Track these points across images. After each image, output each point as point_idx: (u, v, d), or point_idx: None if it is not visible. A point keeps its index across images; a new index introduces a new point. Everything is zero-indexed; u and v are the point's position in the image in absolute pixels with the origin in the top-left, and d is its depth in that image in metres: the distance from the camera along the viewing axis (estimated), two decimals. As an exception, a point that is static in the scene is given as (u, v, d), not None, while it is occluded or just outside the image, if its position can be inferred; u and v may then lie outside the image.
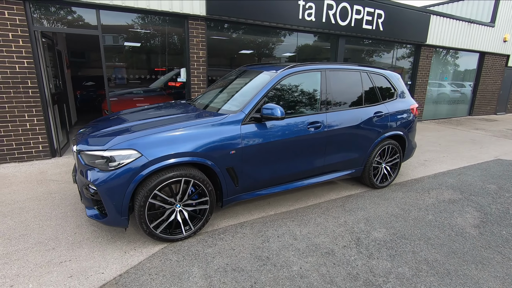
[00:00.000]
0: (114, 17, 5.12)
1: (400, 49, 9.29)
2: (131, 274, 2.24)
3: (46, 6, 4.63)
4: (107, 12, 4.98)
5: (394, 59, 9.34)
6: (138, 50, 5.67)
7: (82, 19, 4.93)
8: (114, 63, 5.55)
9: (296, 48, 7.30)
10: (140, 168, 2.37)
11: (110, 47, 5.37)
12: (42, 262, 2.36)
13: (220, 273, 2.27)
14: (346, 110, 3.49)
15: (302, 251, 2.57)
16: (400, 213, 3.32)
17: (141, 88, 6.26)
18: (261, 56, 7.01)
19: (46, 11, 4.66)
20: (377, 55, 9.07)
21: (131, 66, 5.72)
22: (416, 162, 5.30)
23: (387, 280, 2.24)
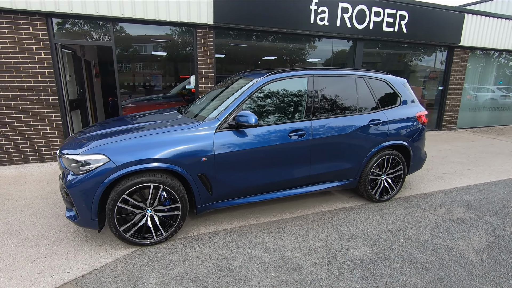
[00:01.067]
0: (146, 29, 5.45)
1: (428, 52, 8.62)
2: (92, 276, 2.31)
3: (66, 21, 5.08)
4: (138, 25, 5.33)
5: (422, 62, 8.69)
6: (167, 58, 5.98)
7: (99, 31, 5.31)
8: (151, 70, 5.92)
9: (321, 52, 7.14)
10: (108, 172, 2.45)
11: (141, 56, 5.73)
12: (21, 257, 2.54)
13: (176, 281, 2.25)
14: (335, 117, 3.30)
15: (268, 265, 2.44)
16: (392, 231, 3.02)
17: (161, 94, 6.55)
18: (286, 62, 6.97)
19: (66, 26, 5.11)
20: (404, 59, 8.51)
21: (163, 74, 6.07)
22: (433, 175, 4.82)
23: (350, 305, 2.04)
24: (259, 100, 3.06)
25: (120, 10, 5.04)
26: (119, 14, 5.05)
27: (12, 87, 4.81)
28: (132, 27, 5.48)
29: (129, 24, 5.40)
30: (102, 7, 4.93)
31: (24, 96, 4.90)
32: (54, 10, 4.71)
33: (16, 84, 4.82)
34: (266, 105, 3.09)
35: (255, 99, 3.04)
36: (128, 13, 5.09)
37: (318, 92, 3.27)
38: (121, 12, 5.04)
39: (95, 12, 4.91)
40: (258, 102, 3.06)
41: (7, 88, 4.78)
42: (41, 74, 4.91)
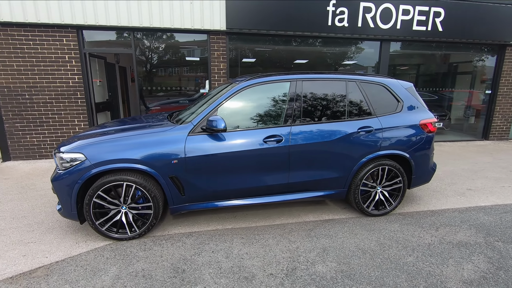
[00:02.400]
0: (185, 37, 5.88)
1: (471, 51, 7.66)
2: (64, 263, 2.54)
3: (93, 32, 5.66)
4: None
5: (468, 63, 7.76)
6: (198, 63, 6.35)
7: (122, 40, 5.82)
8: (196, 73, 6.36)
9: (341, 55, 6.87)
10: (84, 170, 2.68)
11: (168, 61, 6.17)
12: (17, 240, 2.90)
13: (130, 277, 2.36)
14: (318, 124, 3.14)
15: (222, 271, 2.42)
16: (373, 249, 2.76)
17: (187, 97, 6.92)
18: (318, 66, 6.87)
19: (93, 36, 5.70)
20: (448, 60, 7.71)
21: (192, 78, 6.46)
22: (453, 190, 4.27)
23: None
24: (236, 105, 3.06)
25: (139, 21, 5.45)
26: (138, 24, 5.47)
27: (49, 91, 5.52)
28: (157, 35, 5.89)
29: (149, 32, 5.81)
30: (123, 19, 5.39)
31: (58, 99, 5.58)
32: (83, 23, 5.29)
33: (52, 89, 5.51)
34: (244, 110, 3.07)
35: (232, 104, 3.04)
36: (146, 23, 5.48)
37: (301, 97, 3.15)
38: (139, 22, 5.46)
39: (117, 23, 5.39)
40: (235, 106, 3.06)
41: (44, 92, 5.49)
42: (72, 80, 5.55)
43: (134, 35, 5.71)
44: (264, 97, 3.12)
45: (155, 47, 6.01)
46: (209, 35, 5.87)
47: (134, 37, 5.73)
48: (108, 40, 5.84)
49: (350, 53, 6.97)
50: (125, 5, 5.34)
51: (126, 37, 5.75)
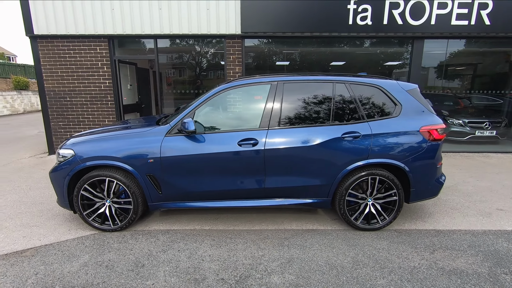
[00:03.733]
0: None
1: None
2: (50, 246, 2.85)
3: (123, 41, 6.23)
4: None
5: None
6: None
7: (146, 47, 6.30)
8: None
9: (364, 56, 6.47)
10: (73, 164, 2.97)
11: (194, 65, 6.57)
12: (25, 223, 3.34)
13: (95, 265, 2.53)
14: (296, 127, 2.98)
15: (178, 270, 2.46)
16: (344, 266, 2.52)
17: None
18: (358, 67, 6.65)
19: (123, 44, 6.27)
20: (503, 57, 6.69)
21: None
22: (478, 209, 3.67)
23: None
24: (214, 107, 3.09)
25: (160, 28, 5.85)
26: (159, 31, 5.86)
27: (85, 94, 6.24)
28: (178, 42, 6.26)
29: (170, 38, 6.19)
30: (146, 27, 5.84)
31: (92, 101, 6.27)
32: (112, 33, 5.87)
33: (88, 92, 6.22)
34: (221, 112, 3.08)
35: (210, 106, 3.08)
36: (166, 30, 5.85)
37: (282, 100, 3.04)
38: (160, 30, 5.85)
39: (141, 32, 5.86)
40: (213, 109, 3.09)
41: (81, 95, 6.23)
42: (103, 84, 6.19)
43: (156, 43, 6.14)
44: (243, 100, 3.10)
45: (176, 53, 6.37)
46: (225, 40, 6.01)
47: (157, 44, 6.16)
48: (137, 48, 6.38)
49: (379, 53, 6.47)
50: (147, 15, 5.78)
51: (150, 44, 6.21)
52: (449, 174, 5.11)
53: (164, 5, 5.73)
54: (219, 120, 3.09)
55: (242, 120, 3.08)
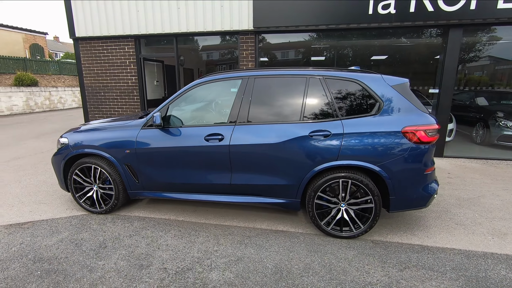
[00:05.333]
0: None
1: None
2: (44, 222, 3.26)
3: (148, 40, 6.70)
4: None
5: None
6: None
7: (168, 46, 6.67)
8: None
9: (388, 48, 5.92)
10: (67, 151, 3.35)
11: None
12: (37, 200, 3.86)
13: (67, 242, 2.82)
14: (263, 124, 2.88)
15: (131, 255, 2.60)
16: (291, 271, 2.38)
17: None
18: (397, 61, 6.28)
19: (148, 43, 6.74)
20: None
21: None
22: (492, 228, 3.10)
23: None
24: (187, 102, 3.16)
25: (179, 27, 6.14)
26: (178, 30, 6.16)
27: (116, 90, 6.90)
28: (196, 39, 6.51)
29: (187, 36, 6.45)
30: (166, 27, 6.19)
31: (121, 96, 6.90)
32: (137, 33, 6.36)
33: (117, 88, 6.87)
34: (193, 107, 3.14)
35: (183, 101, 3.16)
36: (184, 29, 6.12)
37: (251, 96, 2.96)
38: (179, 28, 6.14)
39: (162, 31, 6.23)
40: (186, 103, 3.16)
41: (112, 90, 6.90)
42: (130, 80, 6.76)
43: (176, 41, 6.46)
44: (214, 95, 3.10)
45: (195, 50, 6.62)
46: (238, 36, 6.04)
47: (177, 42, 6.48)
48: (161, 47, 6.81)
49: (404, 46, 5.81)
50: (167, 14, 6.11)
51: (171, 43, 6.57)
52: (478, 184, 4.38)
53: (182, 4, 6.00)
54: (192, 114, 3.16)
55: (213, 115, 3.09)
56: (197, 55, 7.81)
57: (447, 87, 5.47)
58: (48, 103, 15.50)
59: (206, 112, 3.15)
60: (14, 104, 13.70)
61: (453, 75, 5.40)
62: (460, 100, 8.27)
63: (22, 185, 4.38)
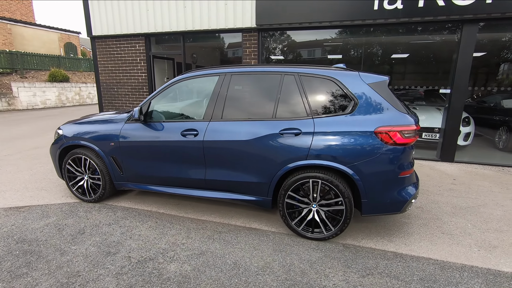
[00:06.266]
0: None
1: None
2: (39, 207, 3.51)
3: (158, 38, 6.92)
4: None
5: None
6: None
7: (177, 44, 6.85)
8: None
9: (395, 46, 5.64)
10: (61, 142, 3.58)
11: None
12: (40, 187, 4.17)
13: (52, 226, 3.03)
14: (236, 120, 2.88)
15: (103, 243, 2.73)
16: (249, 269, 2.37)
17: None
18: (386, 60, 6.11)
19: (158, 41, 6.97)
20: None
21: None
22: (483, 240, 2.87)
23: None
24: (167, 98, 3.24)
25: (185, 25, 6.28)
26: (184, 28, 6.31)
27: (127, 86, 7.22)
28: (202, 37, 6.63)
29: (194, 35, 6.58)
30: (173, 25, 6.36)
31: (132, 92, 7.21)
32: (147, 31, 6.60)
33: (129, 84, 7.18)
34: (172, 103, 3.21)
35: (164, 97, 3.24)
36: (190, 27, 6.25)
37: (227, 92, 2.97)
38: (185, 26, 6.28)
39: (169, 29, 6.42)
40: (166, 99, 3.24)
41: (124, 86, 7.23)
42: (141, 77, 7.04)
43: (183, 39, 6.62)
44: (192, 91, 3.15)
45: (199, 48, 6.74)
46: (242, 33, 6.05)
47: (184, 40, 6.64)
48: (171, 45, 7.01)
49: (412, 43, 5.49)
50: (174, 13, 6.28)
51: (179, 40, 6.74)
52: (483, 192, 4.05)
53: (188, 3, 6.13)
54: (171, 110, 3.23)
55: (191, 111, 3.15)
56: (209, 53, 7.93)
57: (459, 87, 5.09)
58: (78, 98, 16.57)
59: (185, 107, 3.21)
60: (47, 98, 14.82)
61: (467, 75, 5.01)
62: (483, 102, 7.67)
63: (32, 173, 4.75)
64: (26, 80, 14.52)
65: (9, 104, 13.35)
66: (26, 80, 14.52)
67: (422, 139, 6.28)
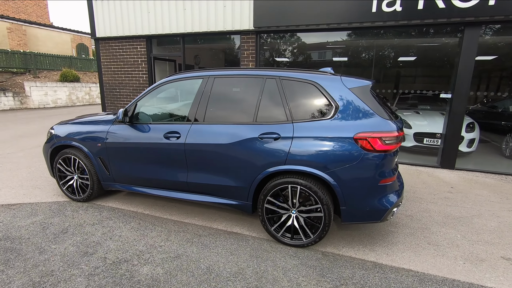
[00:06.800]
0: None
1: None
2: (29, 205, 3.59)
3: (158, 40, 7.00)
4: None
5: None
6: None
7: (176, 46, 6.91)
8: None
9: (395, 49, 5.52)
10: (52, 141, 3.65)
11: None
12: (35, 185, 4.26)
13: (38, 224, 3.09)
14: (217, 124, 2.86)
15: (83, 242, 2.76)
16: (220, 275, 2.34)
17: None
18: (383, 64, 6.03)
19: (159, 43, 7.05)
20: None
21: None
22: (469, 253, 2.75)
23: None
24: (152, 100, 3.26)
25: (184, 27, 6.33)
26: (183, 30, 6.35)
27: (129, 87, 7.33)
28: (200, 40, 6.67)
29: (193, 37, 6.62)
30: (173, 27, 6.42)
31: (133, 93, 7.31)
32: (148, 33, 6.69)
33: (130, 85, 7.29)
34: (157, 105, 3.23)
35: (149, 99, 3.26)
36: (189, 29, 6.30)
37: (209, 95, 2.96)
38: (185, 28, 6.33)
39: (170, 31, 6.48)
40: (151, 102, 3.26)
41: (126, 87, 7.34)
42: (142, 78, 7.13)
43: (183, 41, 6.67)
44: (177, 94, 3.16)
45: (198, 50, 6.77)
46: (240, 36, 6.05)
47: (184, 42, 6.69)
48: (171, 46, 7.09)
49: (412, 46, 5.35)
50: (174, 15, 6.34)
51: (179, 42, 6.80)
52: (481, 201, 3.89)
53: (188, 5, 6.18)
54: (156, 112, 3.25)
55: (175, 113, 3.16)
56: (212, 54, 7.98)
57: (460, 91, 4.93)
58: (88, 97, 16.96)
59: (170, 110, 3.22)
60: (58, 97, 15.23)
61: (468, 79, 4.85)
62: (494, 107, 7.41)
63: (30, 170, 4.87)
64: (38, 79, 14.97)
65: (21, 102, 13.79)
66: (38, 79, 14.97)
67: (423, 145, 6.11)
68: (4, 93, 13.18)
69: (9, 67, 14.52)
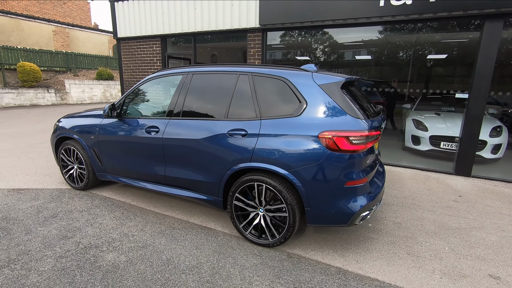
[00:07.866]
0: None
1: None
2: (35, 190, 3.94)
3: (173, 39, 7.25)
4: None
5: None
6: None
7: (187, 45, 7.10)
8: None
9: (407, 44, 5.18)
10: (56, 133, 3.96)
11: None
12: (46, 172, 4.66)
13: (35, 208, 3.38)
14: (191, 119, 2.90)
15: (66, 228, 2.97)
16: (179, 267, 2.38)
17: None
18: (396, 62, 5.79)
19: (174, 42, 7.29)
20: None
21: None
22: (453, 268, 2.51)
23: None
24: (138, 96, 3.40)
25: (195, 26, 6.49)
26: (194, 29, 6.51)
27: (146, 84, 7.67)
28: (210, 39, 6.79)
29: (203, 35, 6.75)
30: (185, 26, 6.61)
31: (149, 90, 7.64)
32: (162, 33, 6.96)
33: (147, 82, 7.63)
34: (142, 101, 3.35)
35: (136, 95, 3.40)
36: (199, 28, 6.44)
37: (187, 91, 3.02)
38: (195, 27, 6.49)
39: (181, 30, 6.68)
40: (137, 97, 3.40)
41: (143, 84, 7.70)
42: (157, 76, 7.43)
43: (195, 39, 6.84)
44: (159, 90, 3.26)
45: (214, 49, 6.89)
46: (247, 34, 6.05)
47: (195, 41, 6.85)
48: (185, 45, 7.31)
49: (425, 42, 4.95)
50: (186, 15, 6.52)
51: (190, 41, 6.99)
52: (488, 213, 3.51)
53: (198, 5, 6.32)
54: (140, 107, 3.38)
55: (157, 109, 3.25)
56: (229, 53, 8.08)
57: (479, 91, 4.47)
58: (120, 95, 18.10)
59: (153, 105, 3.33)
60: (94, 94, 16.44)
61: (488, 77, 4.38)
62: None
63: (47, 160, 5.33)
64: (77, 78, 16.29)
65: (62, 98, 15.11)
66: (77, 78, 16.29)
67: (440, 149, 5.65)
68: (47, 90, 14.54)
69: (53, 66, 15.98)
